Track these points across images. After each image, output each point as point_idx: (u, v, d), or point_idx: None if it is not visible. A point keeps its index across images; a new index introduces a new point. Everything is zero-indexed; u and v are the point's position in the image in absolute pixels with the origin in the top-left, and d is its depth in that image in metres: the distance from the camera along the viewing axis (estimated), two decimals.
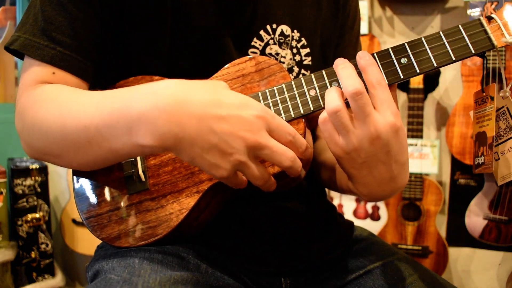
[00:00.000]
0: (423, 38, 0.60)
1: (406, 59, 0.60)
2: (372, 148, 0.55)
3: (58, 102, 0.60)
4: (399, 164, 0.58)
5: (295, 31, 0.75)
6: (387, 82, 0.58)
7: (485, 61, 0.62)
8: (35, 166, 1.90)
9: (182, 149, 0.53)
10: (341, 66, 0.58)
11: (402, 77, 0.60)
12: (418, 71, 0.60)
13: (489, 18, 0.60)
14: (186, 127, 0.52)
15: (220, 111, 0.52)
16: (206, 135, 0.52)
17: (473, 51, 0.59)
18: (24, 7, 2.11)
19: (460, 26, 0.60)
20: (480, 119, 0.65)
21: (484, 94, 0.65)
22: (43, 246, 1.93)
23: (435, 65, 0.59)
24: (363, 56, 0.58)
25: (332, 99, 0.55)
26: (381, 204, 2.13)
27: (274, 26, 0.74)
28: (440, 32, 0.60)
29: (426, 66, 0.60)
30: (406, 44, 0.60)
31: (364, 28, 2.02)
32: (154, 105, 0.52)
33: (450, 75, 2.02)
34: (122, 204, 0.65)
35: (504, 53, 1.74)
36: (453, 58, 0.59)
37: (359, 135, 0.55)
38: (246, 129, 0.53)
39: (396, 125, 0.55)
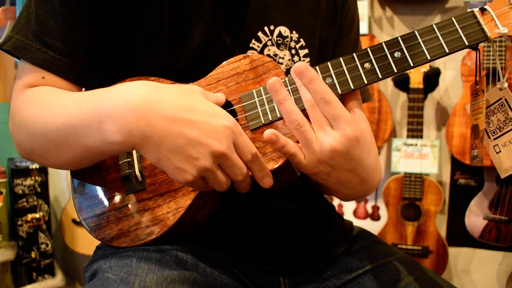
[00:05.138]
0: (416, 32, 0.60)
1: (399, 53, 0.60)
2: (334, 160, 0.58)
3: (42, 103, 0.62)
4: (365, 167, 0.60)
5: (294, 32, 0.75)
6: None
7: (478, 54, 0.62)
8: (35, 166, 1.90)
9: (149, 148, 0.54)
10: (305, 80, 0.59)
11: (395, 70, 0.60)
12: (411, 64, 0.59)
13: (482, 10, 0.60)
14: (155, 126, 0.53)
15: (191, 116, 0.54)
16: (175, 137, 0.53)
17: (467, 43, 0.59)
18: None
19: (453, 18, 0.60)
20: (474, 112, 0.65)
21: (477, 87, 0.64)
22: (43, 246, 1.93)
23: (429, 58, 0.59)
24: (298, 73, 0.59)
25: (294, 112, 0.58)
26: (381, 204, 2.13)
27: (272, 27, 0.74)
28: (433, 25, 0.60)
29: (420, 60, 0.59)
30: (399, 38, 0.60)
31: (364, 28, 2.01)
32: (125, 102, 0.54)
33: (450, 75, 2.02)
34: (119, 204, 0.65)
35: (504, 53, 1.74)
36: (447, 51, 0.59)
37: (319, 152, 0.58)
38: (214, 137, 0.54)
39: (354, 135, 0.57)
